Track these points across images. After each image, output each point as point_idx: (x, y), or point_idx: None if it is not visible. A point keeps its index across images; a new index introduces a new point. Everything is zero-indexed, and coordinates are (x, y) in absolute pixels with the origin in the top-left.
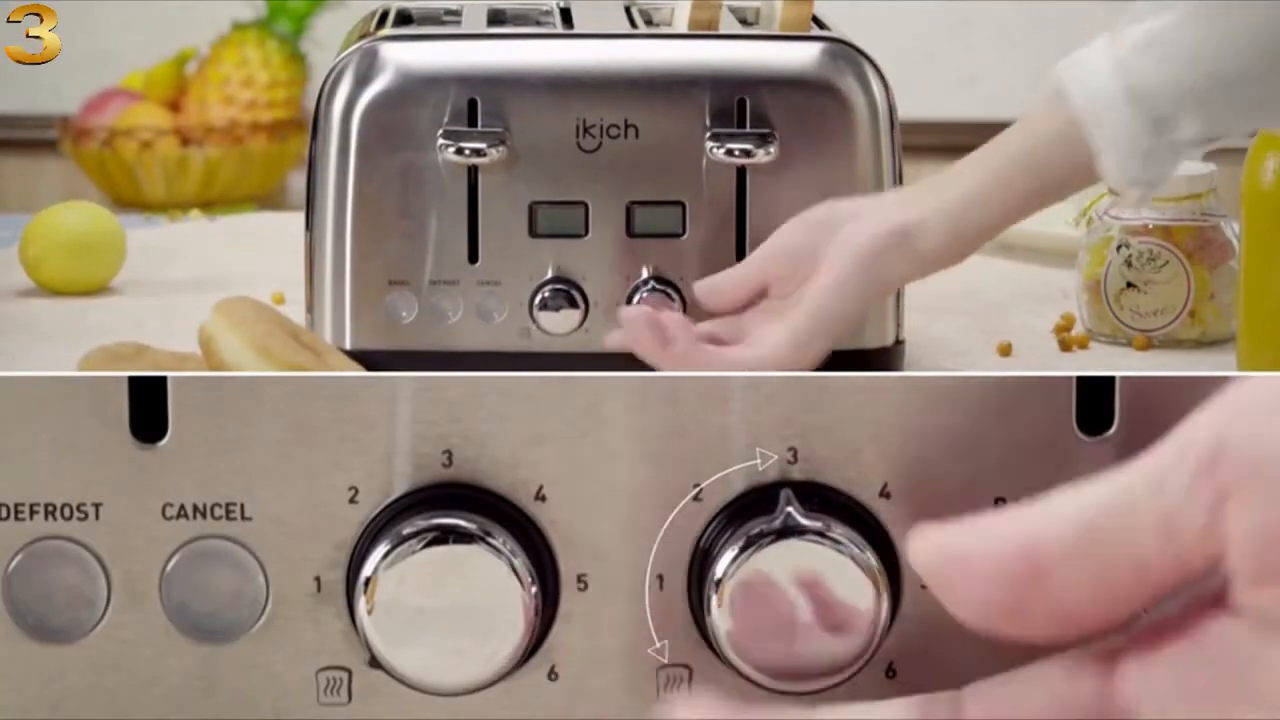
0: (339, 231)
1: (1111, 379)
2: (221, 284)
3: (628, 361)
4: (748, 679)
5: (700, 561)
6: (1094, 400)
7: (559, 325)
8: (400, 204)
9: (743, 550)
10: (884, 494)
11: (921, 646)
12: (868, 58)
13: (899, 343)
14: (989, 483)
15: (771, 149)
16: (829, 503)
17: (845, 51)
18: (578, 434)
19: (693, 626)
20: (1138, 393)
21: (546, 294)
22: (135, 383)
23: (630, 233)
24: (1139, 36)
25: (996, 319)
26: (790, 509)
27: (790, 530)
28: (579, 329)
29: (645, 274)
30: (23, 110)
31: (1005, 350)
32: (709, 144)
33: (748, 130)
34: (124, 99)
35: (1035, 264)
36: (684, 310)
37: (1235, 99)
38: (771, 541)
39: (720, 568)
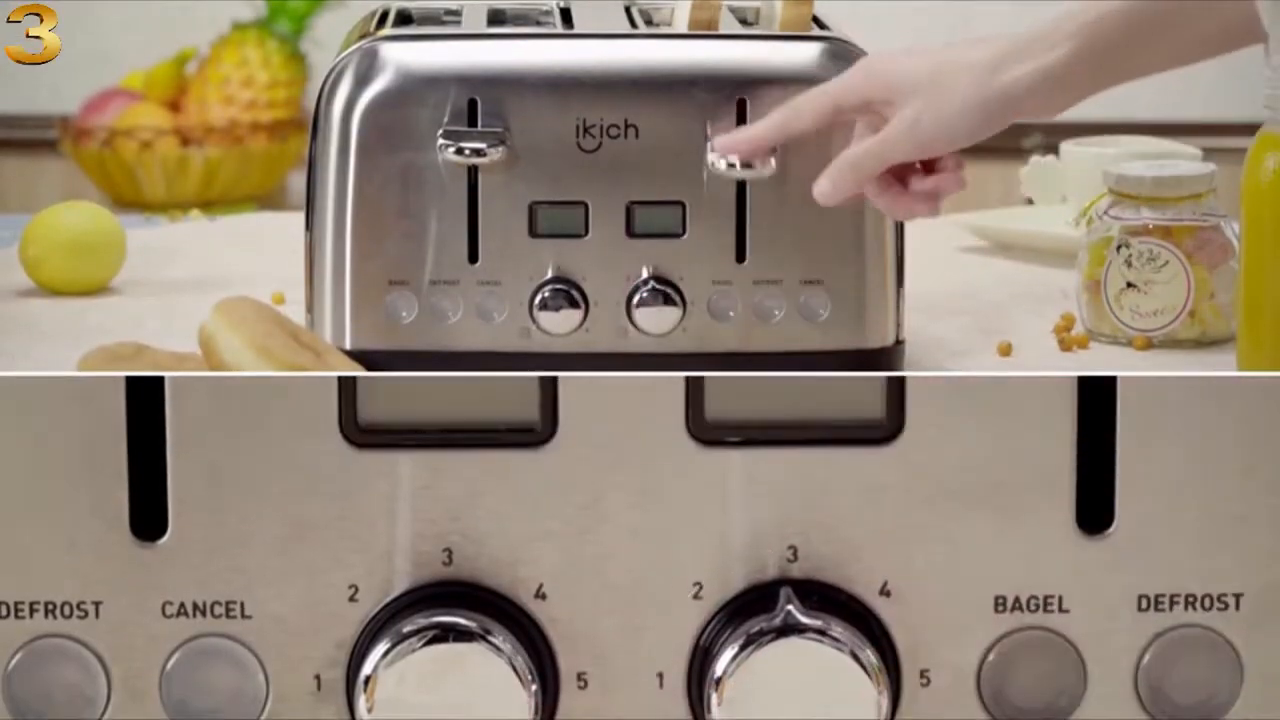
0: (339, 231)
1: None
2: (221, 284)
3: (624, 363)
4: None
5: (700, 659)
6: (1095, 496)
7: (559, 325)
8: (400, 204)
9: (743, 648)
10: (884, 592)
11: None
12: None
13: (899, 343)
14: (987, 580)
15: (771, 162)
16: (829, 601)
17: (845, 51)
18: (577, 532)
19: None
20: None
21: (546, 294)
22: (136, 476)
23: (630, 232)
24: None
25: (996, 319)
26: (790, 607)
27: (790, 629)
28: (579, 329)
29: (645, 274)
30: (23, 110)
31: (1005, 350)
32: (710, 156)
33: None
34: (124, 99)
35: (1035, 264)
36: (683, 310)
37: None
38: (772, 640)
39: (720, 666)
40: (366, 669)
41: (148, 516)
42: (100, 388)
